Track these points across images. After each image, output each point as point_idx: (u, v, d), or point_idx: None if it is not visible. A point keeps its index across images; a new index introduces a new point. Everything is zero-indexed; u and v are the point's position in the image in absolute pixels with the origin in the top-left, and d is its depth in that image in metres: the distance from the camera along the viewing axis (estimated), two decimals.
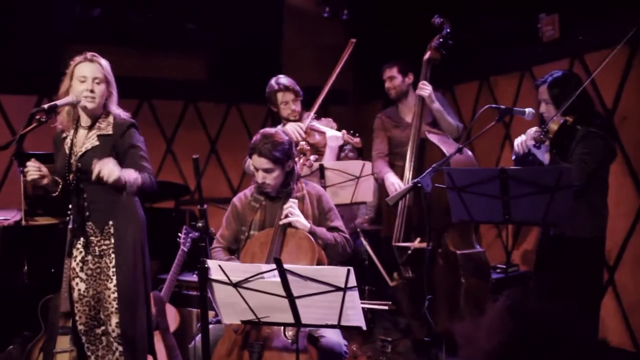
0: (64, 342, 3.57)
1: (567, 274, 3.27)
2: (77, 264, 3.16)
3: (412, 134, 4.18)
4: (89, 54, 3.13)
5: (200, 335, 2.71)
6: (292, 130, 3.95)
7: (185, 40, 6.18)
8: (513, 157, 3.41)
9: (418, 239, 4.05)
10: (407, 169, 4.18)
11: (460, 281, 3.96)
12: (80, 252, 3.16)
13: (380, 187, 5.04)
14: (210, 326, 3.04)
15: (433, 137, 4.15)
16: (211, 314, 3.03)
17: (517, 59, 5.13)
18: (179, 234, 4.03)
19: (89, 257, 3.15)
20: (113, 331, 3.11)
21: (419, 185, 3.16)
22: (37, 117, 2.87)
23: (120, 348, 3.12)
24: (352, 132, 4.10)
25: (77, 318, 3.17)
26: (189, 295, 4.26)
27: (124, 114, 3.20)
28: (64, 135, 3.20)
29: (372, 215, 5.56)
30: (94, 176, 2.91)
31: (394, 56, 4.60)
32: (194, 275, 4.24)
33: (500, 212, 3.05)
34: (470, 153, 4.21)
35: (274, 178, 3.14)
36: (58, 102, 3.01)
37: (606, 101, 4.41)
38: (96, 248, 3.14)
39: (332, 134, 4.07)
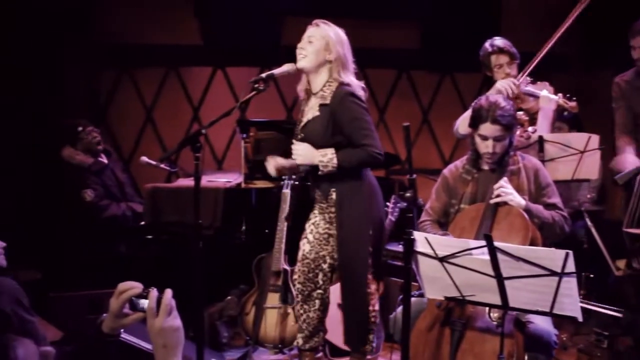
0: (274, 298, 3.80)
1: None
2: (309, 225, 3.29)
3: None
4: (314, 21, 3.21)
5: (401, 307, 2.67)
6: (504, 87, 3.66)
7: (399, 8, 6.09)
8: None
9: None
10: None
11: None
12: (315, 215, 3.28)
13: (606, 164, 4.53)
14: (413, 299, 2.99)
15: None
16: (414, 286, 2.97)
17: None
18: (387, 204, 4.02)
19: (322, 222, 3.25)
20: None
21: None
22: (256, 85, 3.00)
23: None
24: (568, 95, 3.71)
25: (295, 277, 3.32)
26: (394, 265, 4.24)
27: (354, 83, 3.17)
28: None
29: (594, 195, 5.05)
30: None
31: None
32: (400, 246, 4.21)
33: None
34: None
35: (503, 146, 2.95)
36: (275, 72, 3.12)
37: None
38: (326, 214, 3.23)
39: (545, 95, 3.73)
